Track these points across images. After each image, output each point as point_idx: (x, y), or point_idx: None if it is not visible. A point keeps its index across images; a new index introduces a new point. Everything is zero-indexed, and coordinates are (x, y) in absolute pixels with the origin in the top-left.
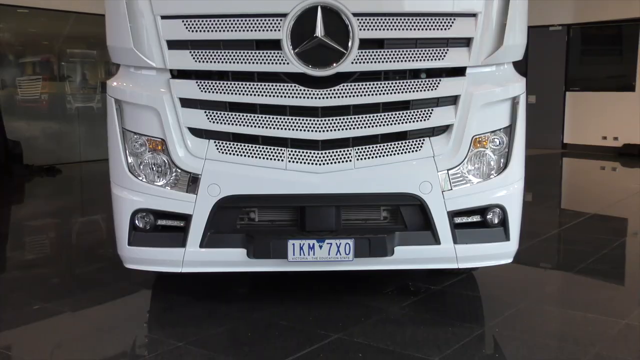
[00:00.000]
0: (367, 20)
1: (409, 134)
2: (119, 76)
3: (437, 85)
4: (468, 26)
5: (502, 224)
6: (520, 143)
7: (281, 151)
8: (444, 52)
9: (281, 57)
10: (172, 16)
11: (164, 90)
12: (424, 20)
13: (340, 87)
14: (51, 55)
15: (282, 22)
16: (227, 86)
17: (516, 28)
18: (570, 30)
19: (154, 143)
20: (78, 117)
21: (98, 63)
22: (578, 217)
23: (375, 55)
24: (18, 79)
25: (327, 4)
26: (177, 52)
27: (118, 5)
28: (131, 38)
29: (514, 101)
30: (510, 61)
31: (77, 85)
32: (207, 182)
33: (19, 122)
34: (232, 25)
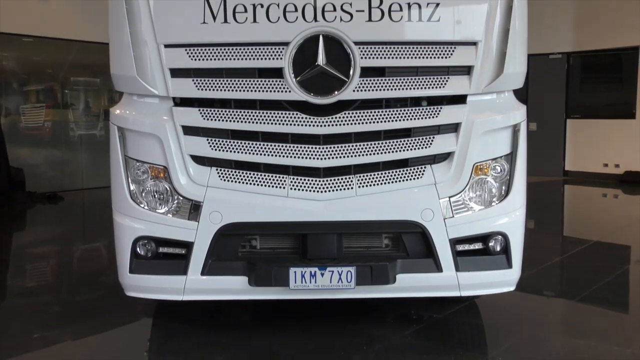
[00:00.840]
0: (369, 48)
1: (411, 162)
2: (122, 104)
3: (438, 113)
4: (468, 54)
5: (504, 252)
6: (522, 170)
7: (283, 178)
8: (444, 80)
9: (283, 85)
10: (176, 45)
11: (167, 118)
12: (424, 49)
13: (342, 115)
14: (55, 83)
15: (284, 51)
16: (229, 114)
17: (516, 56)
18: (570, 58)
19: (156, 170)
20: (81, 145)
21: (101, 91)
22: (580, 244)
23: (376, 83)
24: (22, 106)
25: (328, 33)
26: (180, 80)
27: (122, 34)
28: (134, 66)
29: (514, 129)
30: (511, 89)
31: (80, 112)
32: (209, 210)
33: (22, 149)
34: (234, 54)
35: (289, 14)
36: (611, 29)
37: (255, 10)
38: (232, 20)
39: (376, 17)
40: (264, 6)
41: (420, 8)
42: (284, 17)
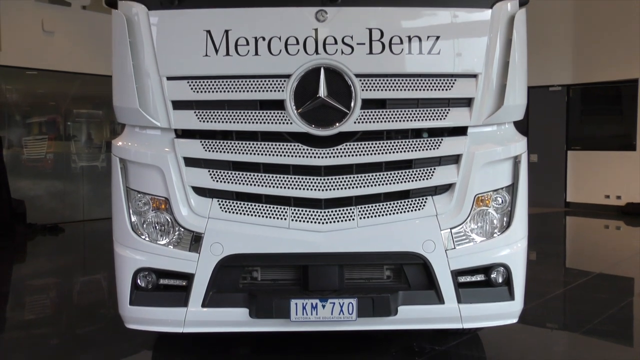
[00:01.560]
0: (369, 81)
1: (412, 193)
2: (124, 136)
3: (439, 144)
4: (469, 87)
5: (506, 283)
6: (523, 201)
7: (284, 210)
8: (445, 112)
9: (284, 117)
10: (178, 77)
11: (168, 150)
12: (425, 81)
13: (343, 147)
14: (57, 115)
15: (286, 83)
16: (231, 145)
17: (516, 88)
18: (570, 91)
19: (158, 202)
20: (82, 176)
21: (104, 123)
22: (583, 276)
23: (377, 115)
24: (24, 138)
25: (330, 66)
26: (182, 112)
27: (125, 66)
28: (137, 98)
29: (515, 160)
30: (511, 121)
31: (82, 144)
32: (210, 241)
33: (24, 181)
34: (236, 86)
35: (290, 46)
36: (610, 61)
37: (257, 43)
38: (234, 53)
39: (377, 50)
40: (265, 39)
41: (421, 41)
42: (286, 50)
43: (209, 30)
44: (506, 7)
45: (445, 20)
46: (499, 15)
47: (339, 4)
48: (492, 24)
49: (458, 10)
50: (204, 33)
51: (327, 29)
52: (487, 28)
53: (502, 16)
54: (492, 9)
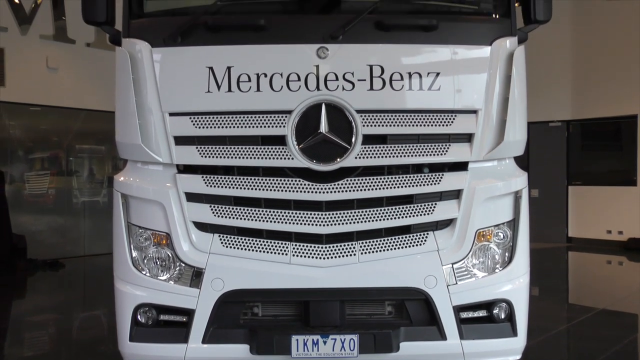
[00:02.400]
0: (370, 116)
1: (413, 228)
2: (126, 171)
3: (439, 179)
4: (469, 122)
5: (509, 319)
6: (525, 237)
7: (285, 245)
8: (446, 147)
9: (286, 153)
10: (180, 113)
11: (170, 185)
12: (425, 117)
13: (344, 182)
14: (60, 150)
15: (287, 119)
16: (232, 181)
17: (516, 124)
18: (570, 126)
19: (159, 237)
20: (84, 211)
21: (106, 158)
22: (586, 312)
23: (378, 150)
24: (26, 174)
25: (331, 102)
26: (184, 147)
27: (128, 102)
28: (139, 134)
29: (516, 195)
30: (512, 156)
31: (84, 180)
32: (211, 277)
33: (25, 216)
34: (238, 122)
35: (292, 83)
36: (609, 97)
37: (259, 80)
38: (236, 90)
39: (378, 86)
40: (267, 75)
41: (421, 77)
42: (287, 87)
43: (211, 67)
44: (505, 44)
45: (445, 57)
46: (498, 52)
47: (340, 41)
48: (492, 60)
49: (458, 47)
50: (206, 70)
51: (328, 65)
52: (486, 65)
53: (502, 53)
54: (491, 46)
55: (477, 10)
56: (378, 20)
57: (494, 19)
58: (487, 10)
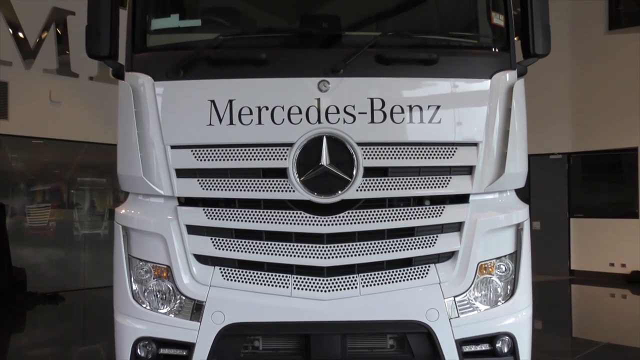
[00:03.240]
0: (371, 149)
1: (414, 261)
2: (127, 204)
3: (441, 212)
4: (470, 155)
5: (511, 353)
6: (527, 269)
7: (286, 278)
8: (447, 179)
9: (287, 185)
10: (182, 146)
11: (171, 218)
12: (426, 149)
13: (346, 214)
14: (61, 183)
15: (289, 152)
16: (233, 213)
17: (517, 156)
18: (571, 159)
19: (159, 270)
20: (84, 244)
21: (107, 190)
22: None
23: (379, 183)
24: (27, 206)
25: (332, 134)
26: (185, 180)
27: (130, 135)
28: (141, 167)
29: (518, 227)
30: (513, 188)
31: (85, 212)
32: (212, 310)
33: (25, 249)
34: (239, 155)
35: (293, 116)
36: (609, 129)
37: (260, 113)
38: (237, 122)
39: (378, 119)
40: (269, 108)
41: (422, 110)
42: (289, 119)
43: (213, 100)
44: (505, 78)
45: (445, 90)
46: (498, 86)
47: (341, 75)
48: (492, 93)
49: (458, 80)
50: (208, 103)
51: (329, 98)
52: (486, 98)
53: (501, 86)
54: (491, 79)
55: (476, 44)
56: (378, 54)
57: (494, 53)
58: (486, 44)
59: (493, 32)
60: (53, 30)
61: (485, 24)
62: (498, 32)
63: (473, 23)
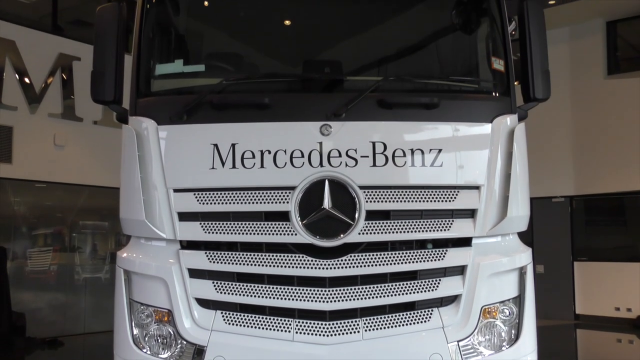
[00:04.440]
0: (373, 192)
1: (417, 304)
2: (129, 247)
3: (443, 255)
4: (472, 198)
5: None
6: (531, 313)
7: (288, 322)
8: (449, 223)
9: (289, 228)
10: (185, 189)
11: (173, 261)
12: (428, 193)
13: (348, 258)
14: (64, 227)
15: (291, 195)
16: (235, 257)
17: (519, 200)
18: (573, 202)
19: (161, 314)
20: (85, 288)
21: (109, 234)
22: None
23: (381, 226)
24: (29, 250)
25: (334, 178)
26: (187, 223)
27: (133, 178)
28: (143, 210)
29: (521, 271)
30: (515, 232)
31: (86, 256)
32: (213, 354)
33: (26, 293)
34: (242, 198)
35: (295, 159)
36: (611, 173)
37: (262, 157)
38: (240, 166)
39: (380, 163)
40: (271, 152)
41: (423, 154)
42: (291, 163)
43: (216, 144)
44: (506, 122)
45: (446, 134)
46: (499, 130)
47: (343, 119)
48: (493, 137)
49: (459, 124)
50: (211, 147)
51: (331, 142)
52: (488, 141)
53: (502, 130)
54: (492, 124)
55: (477, 88)
56: (380, 99)
57: (494, 97)
58: (487, 88)
59: (493, 76)
60: (59, 76)
61: (486, 69)
62: (498, 77)
63: (473, 68)
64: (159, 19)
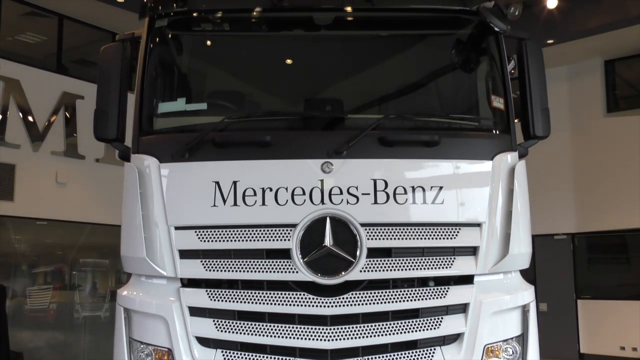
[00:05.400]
0: (375, 230)
1: (420, 343)
2: (130, 285)
3: (445, 293)
4: (473, 235)
5: None
6: (535, 352)
7: None
8: (451, 260)
9: (290, 266)
10: (186, 227)
11: (174, 299)
12: (430, 230)
13: (349, 296)
14: (64, 265)
15: (292, 232)
16: (236, 295)
17: (521, 237)
18: (575, 239)
19: (160, 353)
20: (85, 327)
21: (109, 272)
22: None
23: (383, 264)
24: (29, 288)
25: (335, 215)
26: (188, 261)
27: (134, 216)
28: (145, 248)
29: (524, 309)
30: (517, 269)
31: (86, 294)
32: None
33: (25, 332)
34: (243, 236)
35: (297, 197)
36: (613, 210)
37: (264, 194)
38: (241, 204)
39: (382, 200)
40: (272, 190)
41: (425, 191)
42: (292, 200)
43: (218, 182)
44: (506, 159)
45: (447, 171)
46: (499, 167)
47: (344, 156)
48: (494, 175)
49: (460, 161)
50: (212, 184)
51: (332, 179)
52: (488, 179)
53: (503, 167)
54: (492, 161)
55: (477, 126)
56: (381, 136)
57: (495, 135)
58: (487, 126)
59: (493, 114)
60: (62, 114)
61: (486, 107)
62: (498, 115)
63: (474, 106)
64: (162, 58)
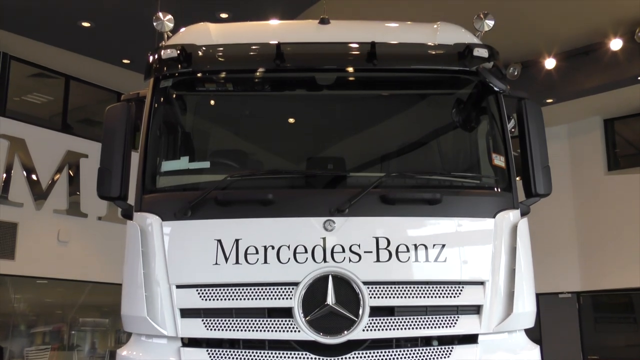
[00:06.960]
0: (377, 288)
1: None
2: (130, 345)
3: (449, 353)
4: (477, 294)
5: None
6: None
7: None
8: (454, 319)
9: (292, 325)
10: (187, 285)
11: (174, 359)
12: (433, 288)
13: (352, 355)
14: (63, 324)
15: (294, 291)
16: (237, 355)
17: (524, 295)
18: (580, 298)
19: None
20: None
21: (109, 331)
22: None
23: (386, 322)
24: (26, 349)
25: (337, 273)
26: (189, 320)
27: (135, 275)
28: (145, 307)
29: None
30: (522, 328)
31: (85, 354)
32: None
33: None
34: (245, 294)
35: (299, 255)
36: (618, 268)
37: (266, 252)
38: (243, 262)
39: (384, 258)
40: (274, 248)
41: (427, 249)
42: (294, 259)
43: (220, 240)
44: (509, 217)
45: (450, 229)
46: (502, 225)
47: (346, 214)
48: (496, 232)
49: (462, 219)
50: (214, 242)
51: (334, 237)
52: (491, 237)
53: (505, 225)
54: (495, 219)
55: (479, 184)
56: (383, 194)
57: (496, 193)
58: (489, 184)
59: (495, 172)
60: (66, 172)
61: (487, 165)
62: (499, 173)
63: (475, 164)
64: (166, 118)
